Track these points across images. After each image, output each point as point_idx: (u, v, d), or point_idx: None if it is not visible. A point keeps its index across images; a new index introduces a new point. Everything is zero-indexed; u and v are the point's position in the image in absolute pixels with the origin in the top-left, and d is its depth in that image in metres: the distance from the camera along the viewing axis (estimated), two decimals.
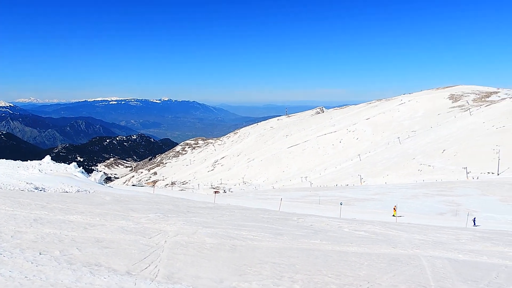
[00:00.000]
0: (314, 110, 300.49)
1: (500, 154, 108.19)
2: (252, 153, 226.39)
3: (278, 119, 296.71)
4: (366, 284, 7.63)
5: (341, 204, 36.08)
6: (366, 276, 8.19)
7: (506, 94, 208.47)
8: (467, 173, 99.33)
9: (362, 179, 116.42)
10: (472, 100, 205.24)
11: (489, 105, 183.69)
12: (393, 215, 37.46)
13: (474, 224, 35.49)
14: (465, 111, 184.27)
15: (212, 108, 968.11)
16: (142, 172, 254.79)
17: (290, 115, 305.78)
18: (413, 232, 17.34)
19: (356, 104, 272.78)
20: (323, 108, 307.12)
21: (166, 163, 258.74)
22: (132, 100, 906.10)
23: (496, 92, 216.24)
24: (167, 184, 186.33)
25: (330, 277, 7.93)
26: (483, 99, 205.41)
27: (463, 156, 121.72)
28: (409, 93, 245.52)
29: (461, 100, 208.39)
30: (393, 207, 40.42)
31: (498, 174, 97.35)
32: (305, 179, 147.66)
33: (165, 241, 9.78)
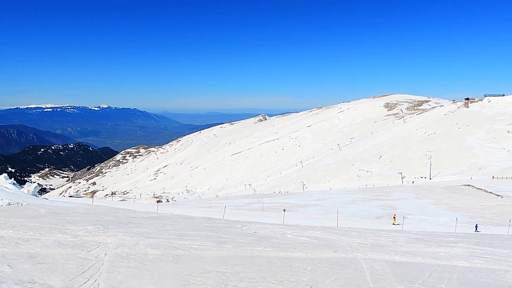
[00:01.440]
0: (257, 118, 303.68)
1: (431, 160, 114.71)
2: (196, 161, 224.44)
3: (221, 127, 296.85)
4: None
5: (284, 211, 36.56)
6: (309, 281, 8.36)
7: (436, 103, 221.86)
8: (402, 178, 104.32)
9: (304, 186, 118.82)
10: (405, 108, 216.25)
11: (421, 113, 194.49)
12: (393, 223, 38.71)
13: (476, 229, 37.38)
14: (399, 118, 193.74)
15: (154, 116, 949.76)
16: (80, 183, 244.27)
17: (233, 122, 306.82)
18: (353, 236, 17.91)
19: (298, 112, 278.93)
20: (266, 116, 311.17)
21: (105, 173, 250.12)
22: (69, 107, 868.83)
23: (427, 101, 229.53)
24: (107, 195, 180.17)
25: (274, 283, 8.02)
26: (415, 107, 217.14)
27: (398, 162, 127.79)
28: (348, 102, 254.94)
29: (395, 108, 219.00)
30: (393, 215, 41.56)
31: (430, 179, 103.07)
32: (249, 186, 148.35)
33: (105, 254, 9.45)
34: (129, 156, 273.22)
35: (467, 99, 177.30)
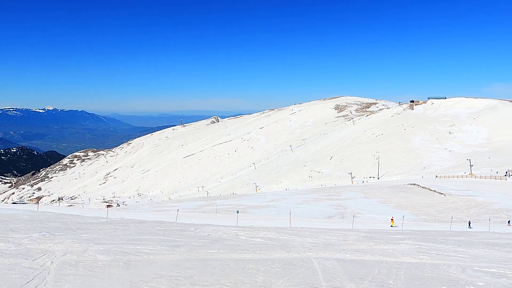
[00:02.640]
0: (210, 120, 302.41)
1: (379, 160, 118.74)
2: (147, 164, 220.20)
3: (173, 129, 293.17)
4: None
5: (237, 212, 36.60)
6: (263, 282, 8.41)
7: (383, 105, 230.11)
8: (352, 178, 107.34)
9: (257, 187, 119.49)
10: (355, 110, 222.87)
11: (369, 115, 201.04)
12: (391, 226, 39.44)
13: (469, 226, 39.18)
14: (349, 120, 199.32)
15: (103, 118, 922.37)
16: (24, 188, 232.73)
17: (185, 124, 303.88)
18: (306, 236, 18.20)
19: (250, 114, 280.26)
20: (218, 118, 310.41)
21: (52, 178, 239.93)
22: (11, 109, 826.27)
23: (375, 103, 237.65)
24: (53, 200, 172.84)
25: (227, 285, 8.00)
26: (364, 109, 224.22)
27: (348, 162, 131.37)
28: (300, 103, 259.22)
29: (345, 110, 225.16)
30: (391, 218, 42.39)
31: (378, 178, 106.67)
32: (202, 188, 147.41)
33: (52, 262, 9.06)
34: (77, 159, 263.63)
35: (412, 101, 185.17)
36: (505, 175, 74.61)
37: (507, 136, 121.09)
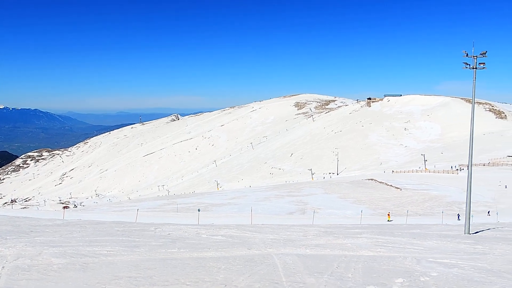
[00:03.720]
0: (169, 118, 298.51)
1: (338, 156, 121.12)
2: (105, 163, 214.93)
3: (132, 127, 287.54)
4: None
5: (199, 211, 36.40)
6: (224, 279, 8.39)
7: (342, 102, 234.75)
8: (312, 174, 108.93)
9: (218, 185, 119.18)
10: (314, 108, 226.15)
11: (328, 112, 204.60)
12: (388, 220, 40.51)
13: (458, 218, 41.40)
14: (309, 117, 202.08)
15: (57, 117, 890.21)
16: None
17: (144, 122, 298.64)
18: (267, 233, 18.32)
19: (211, 111, 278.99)
20: (178, 116, 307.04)
21: (3, 179, 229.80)
22: None
23: (334, 100, 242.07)
24: (6, 203, 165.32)
25: (188, 284, 7.93)
26: (323, 106, 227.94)
27: (308, 159, 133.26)
28: (260, 101, 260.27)
29: (305, 108, 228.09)
30: (387, 213, 43.37)
31: (337, 174, 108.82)
32: (163, 187, 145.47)
33: (3, 267, 8.67)
34: (31, 160, 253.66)
35: (369, 98, 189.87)
36: (457, 170, 77.89)
37: (458, 132, 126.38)
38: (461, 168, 77.61)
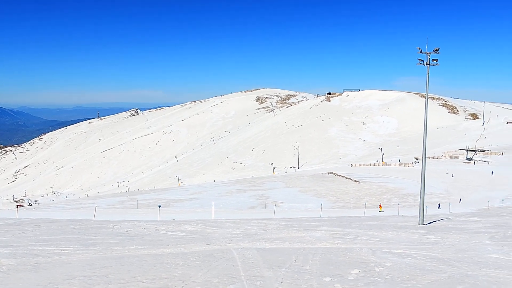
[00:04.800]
0: (129, 112, 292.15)
1: (299, 150, 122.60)
2: (62, 159, 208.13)
3: (89, 122, 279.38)
4: (181, 284, 7.74)
5: (159, 207, 35.95)
6: (181, 275, 8.31)
7: (302, 97, 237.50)
8: (274, 168, 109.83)
9: (180, 180, 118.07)
10: (275, 102, 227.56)
11: (289, 106, 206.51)
12: (380, 211, 42.06)
13: (439, 207, 44.56)
14: (270, 112, 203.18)
15: (9, 112, 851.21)
16: None
17: (102, 117, 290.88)
18: (227, 227, 18.32)
19: (171, 106, 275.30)
20: (138, 110, 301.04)
21: None
22: None
23: (294, 95, 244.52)
24: None
25: (145, 282, 7.80)
26: (284, 101, 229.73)
27: (269, 153, 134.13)
28: (221, 95, 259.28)
29: (266, 102, 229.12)
30: (379, 204, 44.77)
31: (298, 168, 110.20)
32: (122, 183, 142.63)
33: None
34: None
35: (329, 93, 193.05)
36: (412, 163, 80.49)
37: (413, 126, 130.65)
38: (417, 161, 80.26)
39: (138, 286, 7.60)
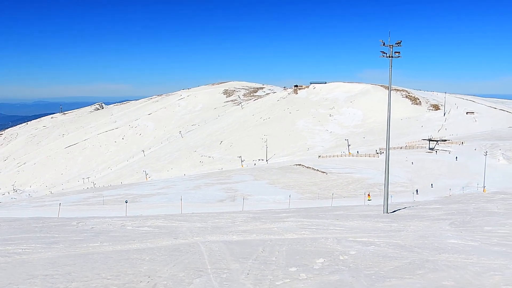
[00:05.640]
0: (93, 107, 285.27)
1: (267, 143, 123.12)
2: (23, 156, 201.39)
3: (52, 117, 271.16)
4: (147, 279, 7.68)
5: (126, 202, 35.44)
6: (147, 271, 8.25)
7: (270, 89, 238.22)
8: (242, 161, 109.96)
9: (147, 175, 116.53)
10: (243, 95, 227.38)
11: (257, 99, 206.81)
12: (368, 199, 42.99)
13: (417, 193, 46.89)
14: (237, 105, 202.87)
15: None
16: None
17: (65, 112, 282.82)
18: (195, 221, 18.25)
19: (137, 100, 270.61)
20: (103, 104, 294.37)
21: None
22: None
23: (262, 88, 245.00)
24: None
25: (109, 279, 7.69)
26: (251, 94, 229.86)
27: (238, 146, 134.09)
28: (188, 89, 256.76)
29: (233, 95, 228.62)
30: (367, 194, 45.73)
31: (267, 161, 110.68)
32: (88, 179, 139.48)
33: None
34: None
35: (296, 86, 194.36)
36: (377, 153, 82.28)
37: (378, 117, 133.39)
38: (381, 152, 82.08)
39: (102, 283, 7.49)
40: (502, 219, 17.87)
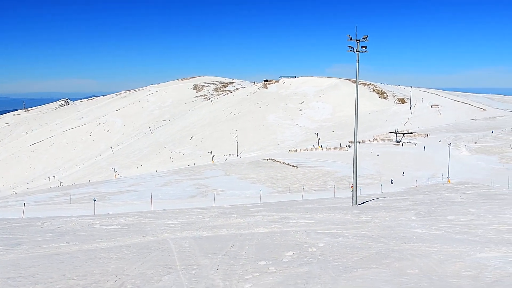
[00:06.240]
0: (58, 103, 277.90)
1: (238, 138, 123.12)
2: None
3: (14, 114, 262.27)
4: (114, 278, 7.55)
5: (94, 201, 34.76)
6: (115, 269, 8.11)
7: (240, 84, 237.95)
8: (213, 156, 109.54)
9: (116, 172, 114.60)
10: (213, 90, 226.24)
11: (227, 94, 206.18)
12: (352, 191, 42.61)
13: (392, 182, 48.86)
14: (207, 100, 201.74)
15: None
16: None
17: (29, 109, 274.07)
18: (165, 218, 18.08)
19: (104, 95, 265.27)
20: (69, 100, 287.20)
21: None
22: None
23: (232, 83, 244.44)
24: None
25: (75, 279, 7.53)
26: (221, 88, 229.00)
27: (208, 141, 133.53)
28: (157, 84, 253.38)
29: (203, 90, 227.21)
30: (350, 185, 45.39)
31: (237, 155, 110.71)
32: (54, 178, 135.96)
33: None
34: None
35: (266, 80, 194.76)
36: (346, 146, 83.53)
37: (347, 111, 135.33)
38: (350, 145, 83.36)
39: (68, 283, 7.33)
40: (464, 208, 18.50)
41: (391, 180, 52.79)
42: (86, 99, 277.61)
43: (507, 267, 7.86)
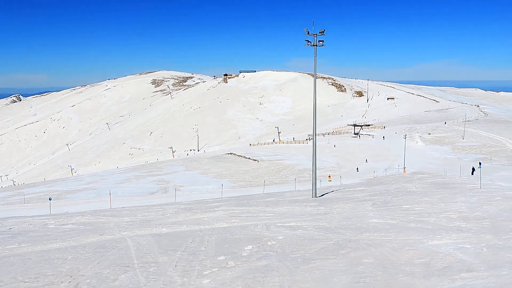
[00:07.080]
0: (9, 99, 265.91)
1: (198, 132, 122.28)
2: None
3: None
4: (69, 279, 7.34)
5: (50, 200, 33.62)
6: (69, 270, 7.88)
7: (199, 78, 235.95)
8: (173, 152, 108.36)
9: (73, 170, 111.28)
10: (172, 85, 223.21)
11: (186, 88, 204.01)
12: (329, 180, 45.42)
13: (357, 170, 51.82)
14: (166, 94, 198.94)
15: None
16: None
17: None
18: (123, 216, 17.73)
19: (59, 91, 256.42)
20: (20, 96, 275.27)
21: None
22: None
23: (191, 77, 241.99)
24: None
25: (27, 281, 7.26)
26: (181, 83, 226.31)
27: (168, 137, 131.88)
28: (114, 79, 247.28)
29: (162, 85, 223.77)
30: (328, 175, 47.96)
31: (198, 150, 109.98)
32: (6, 177, 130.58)
33: None
34: None
35: (226, 75, 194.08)
36: (306, 139, 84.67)
37: (306, 105, 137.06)
38: (310, 138, 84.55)
39: (19, 286, 7.06)
40: (419, 197, 19.17)
41: (357, 168, 55.00)
42: (39, 95, 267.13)
43: (456, 253, 8.21)
